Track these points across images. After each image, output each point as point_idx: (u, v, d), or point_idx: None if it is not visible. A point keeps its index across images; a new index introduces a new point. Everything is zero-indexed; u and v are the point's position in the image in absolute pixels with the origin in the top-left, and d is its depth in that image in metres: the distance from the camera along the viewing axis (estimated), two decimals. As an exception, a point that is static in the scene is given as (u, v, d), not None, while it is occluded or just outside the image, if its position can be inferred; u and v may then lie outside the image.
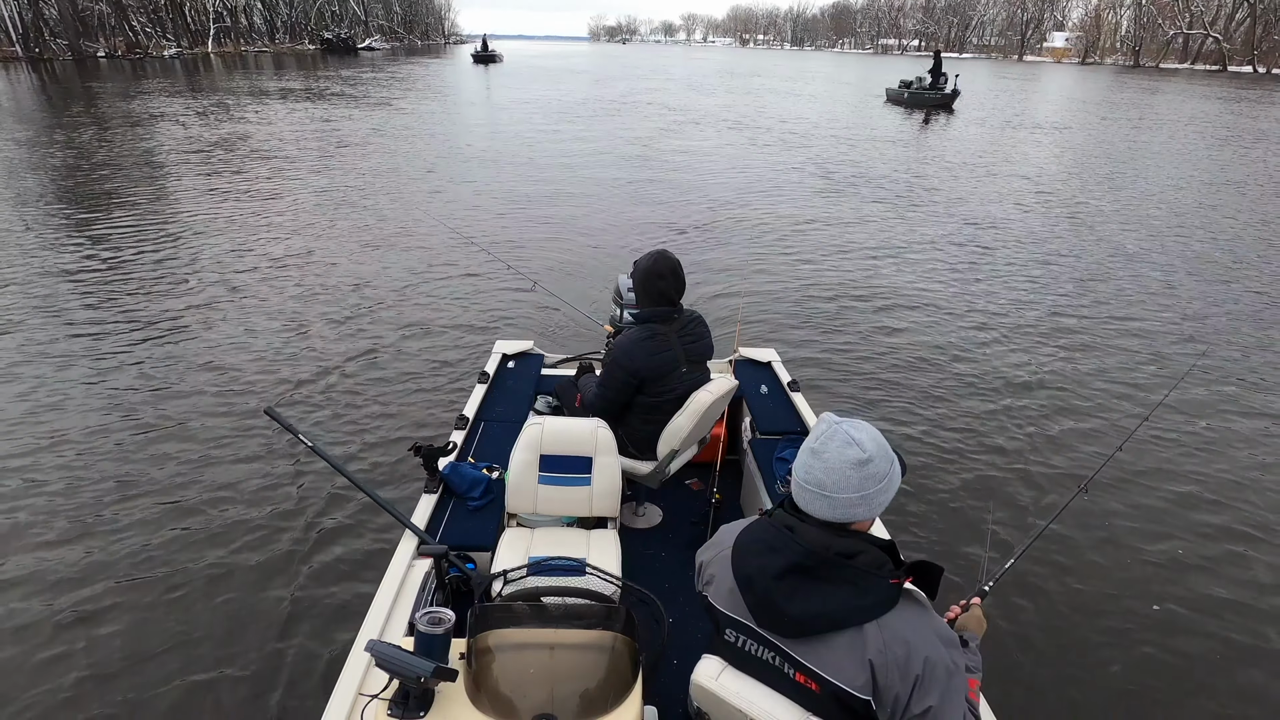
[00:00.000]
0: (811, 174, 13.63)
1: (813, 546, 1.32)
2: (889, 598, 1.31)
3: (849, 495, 1.30)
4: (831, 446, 1.32)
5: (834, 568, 1.31)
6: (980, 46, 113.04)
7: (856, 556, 1.31)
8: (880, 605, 1.30)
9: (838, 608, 1.31)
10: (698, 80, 42.87)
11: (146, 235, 8.39)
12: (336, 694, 1.64)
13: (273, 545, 3.36)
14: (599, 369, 3.23)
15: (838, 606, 1.31)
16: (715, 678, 1.41)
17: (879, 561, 1.33)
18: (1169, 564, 3.41)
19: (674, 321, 2.59)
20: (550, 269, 7.48)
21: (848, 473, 1.30)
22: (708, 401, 2.50)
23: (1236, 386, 5.31)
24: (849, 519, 1.33)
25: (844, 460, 1.30)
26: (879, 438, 1.34)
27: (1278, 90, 44.17)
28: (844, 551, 1.31)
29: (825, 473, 1.31)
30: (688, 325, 2.63)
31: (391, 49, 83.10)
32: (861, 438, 1.31)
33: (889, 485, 1.33)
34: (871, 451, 1.31)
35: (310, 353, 5.45)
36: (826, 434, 1.33)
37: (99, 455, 4.06)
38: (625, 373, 2.55)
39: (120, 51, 50.82)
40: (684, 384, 2.60)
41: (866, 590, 1.30)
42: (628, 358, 2.53)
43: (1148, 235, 9.68)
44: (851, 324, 6.35)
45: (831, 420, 1.36)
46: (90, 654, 2.75)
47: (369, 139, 16.60)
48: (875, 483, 1.31)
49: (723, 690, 1.39)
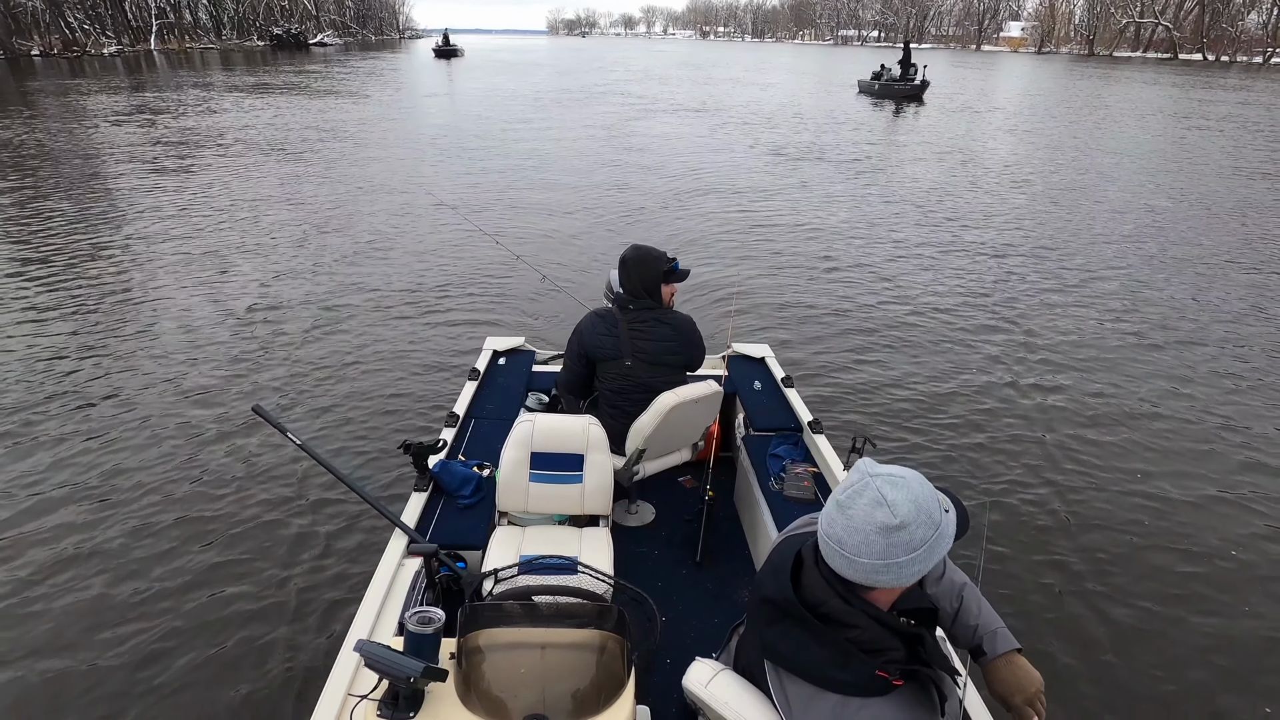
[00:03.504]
0: (794, 166, 13.72)
1: (801, 597, 1.18)
2: (873, 686, 1.13)
3: (871, 561, 1.11)
4: (859, 504, 1.11)
5: (814, 626, 1.16)
6: (938, 37, 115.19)
7: (849, 629, 1.14)
8: (858, 688, 1.14)
9: (808, 663, 1.17)
10: (663, 72, 42.94)
11: (120, 232, 8.12)
12: (325, 694, 1.62)
13: (260, 544, 3.30)
14: None
15: (808, 662, 1.17)
16: (705, 685, 1.39)
17: (876, 644, 1.15)
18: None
19: (628, 312, 2.63)
20: (548, 264, 7.36)
21: (872, 537, 1.10)
22: (670, 403, 2.49)
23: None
24: (869, 584, 1.14)
25: (870, 523, 1.10)
26: (922, 497, 1.11)
27: (1227, 76, 45.68)
28: (834, 617, 1.15)
29: (847, 531, 1.12)
30: (642, 322, 2.63)
31: (344, 44, 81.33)
32: (897, 499, 1.09)
33: (928, 553, 1.11)
34: (905, 516, 1.09)
35: (298, 350, 5.36)
36: (857, 488, 1.13)
37: (80, 450, 3.98)
38: (577, 343, 2.70)
39: (56, 50, 48.77)
40: (633, 377, 2.62)
41: (847, 666, 1.14)
42: (579, 329, 2.71)
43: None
44: (851, 322, 6.20)
45: (866, 471, 1.15)
46: (74, 653, 2.69)
47: (347, 132, 16.42)
48: (905, 551, 1.09)
49: (711, 698, 1.37)
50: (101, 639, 2.76)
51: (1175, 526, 3.62)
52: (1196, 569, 3.34)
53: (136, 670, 2.64)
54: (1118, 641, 2.91)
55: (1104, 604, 3.10)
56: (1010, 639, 1.38)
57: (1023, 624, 2.95)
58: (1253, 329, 6.19)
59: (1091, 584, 3.22)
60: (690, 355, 2.73)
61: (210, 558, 3.21)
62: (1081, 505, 3.77)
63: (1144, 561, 3.37)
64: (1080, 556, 3.39)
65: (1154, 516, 3.69)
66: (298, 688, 2.57)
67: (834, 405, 4.71)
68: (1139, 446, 4.35)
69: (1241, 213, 10.36)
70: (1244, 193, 11.79)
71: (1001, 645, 1.36)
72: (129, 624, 2.84)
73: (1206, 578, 3.29)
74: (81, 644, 2.74)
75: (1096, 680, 2.75)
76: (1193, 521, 3.67)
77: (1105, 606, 3.09)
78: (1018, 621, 2.89)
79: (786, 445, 2.87)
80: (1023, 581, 3.22)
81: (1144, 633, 2.97)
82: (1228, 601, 3.14)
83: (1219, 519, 3.71)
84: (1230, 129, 19.77)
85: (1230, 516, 3.73)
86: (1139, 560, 3.37)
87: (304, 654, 2.72)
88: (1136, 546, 3.47)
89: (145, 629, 2.81)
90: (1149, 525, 3.63)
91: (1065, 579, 3.25)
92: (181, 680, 2.60)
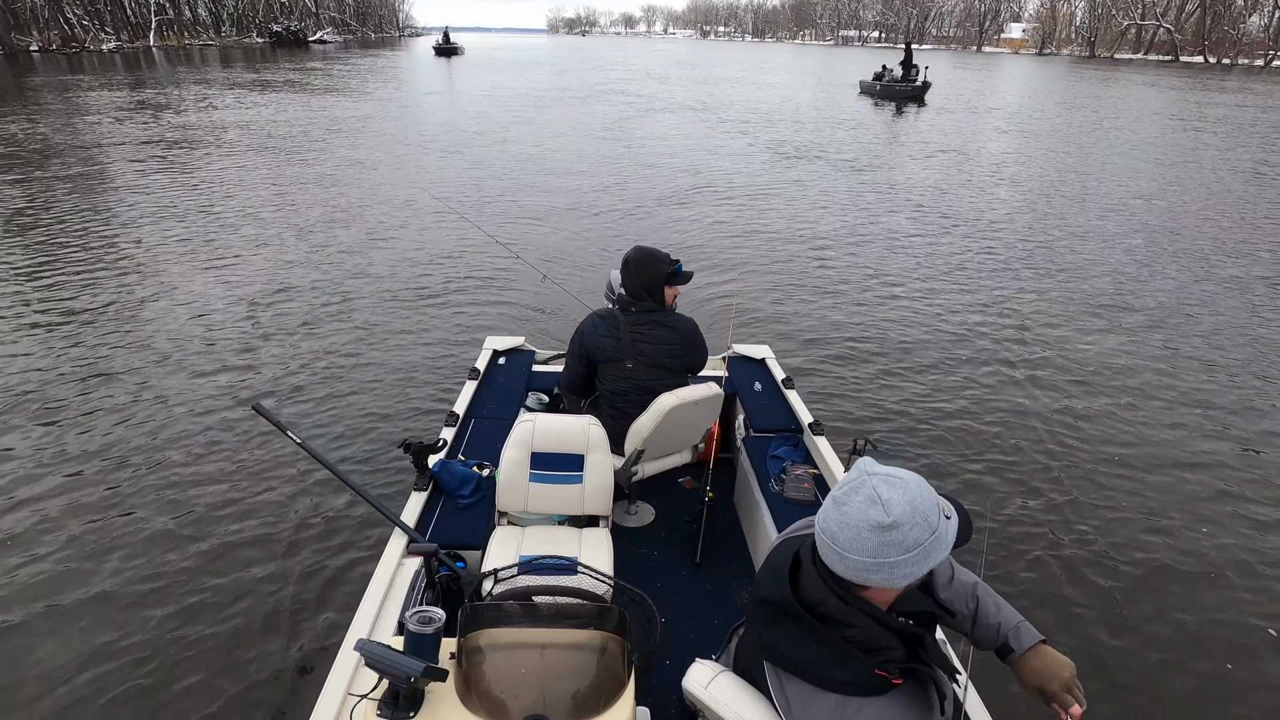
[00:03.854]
0: (798, 165, 13.71)
1: (799, 596, 1.19)
2: (872, 685, 1.14)
3: (862, 558, 1.12)
4: (854, 501, 1.13)
5: (812, 626, 1.16)
6: (939, 38, 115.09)
7: (847, 628, 1.15)
8: (858, 687, 1.14)
9: (807, 663, 1.17)
10: (662, 71, 42.89)
11: (117, 228, 8.07)
12: (325, 694, 1.61)
13: (260, 543, 3.29)
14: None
15: (807, 662, 1.17)
16: (705, 686, 1.39)
17: (874, 643, 1.15)
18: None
19: (630, 314, 2.62)
20: (547, 262, 7.32)
21: (864, 534, 1.11)
22: (669, 405, 2.48)
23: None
24: (862, 583, 1.15)
25: (863, 520, 1.11)
26: (919, 499, 1.12)
27: (1228, 80, 45.48)
28: (832, 616, 1.16)
29: (840, 527, 1.13)
30: (643, 324, 2.62)
31: (344, 42, 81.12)
32: (892, 498, 1.11)
33: (922, 556, 1.11)
34: (899, 516, 1.09)
35: (298, 348, 5.35)
36: (853, 485, 1.15)
37: (79, 447, 3.96)
38: (578, 343, 2.70)
39: (55, 45, 48.62)
40: (634, 379, 2.62)
41: (845, 666, 1.15)
42: (580, 329, 2.71)
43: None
44: (853, 322, 6.14)
45: (864, 470, 1.16)
46: (73, 652, 2.68)
47: (349, 128, 16.41)
48: (898, 551, 1.10)
49: (710, 699, 1.37)
50: (100, 639, 2.75)
51: (1182, 528, 3.60)
52: (1210, 578, 3.32)
53: (134, 668, 2.63)
54: (1125, 641, 2.91)
55: (1107, 600, 3.11)
56: (1034, 632, 1.38)
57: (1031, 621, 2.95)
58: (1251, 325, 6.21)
59: (1095, 579, 3.23)
60: (692, 359, 2.72)
61: (208, 557, 3.20)
62: (1086, 505, 3.77)
63: (1150, 565, 3.36)
64: (1086, 555, 3.39)
65: (1158, 515, 3.68)
66: (297, 687, 2.57)
67: (835, 407, 4.69)
68: (1149, 444, 4.34)
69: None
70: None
71: (1027, 639, 1.36)
72: (126, 623, 2.83)
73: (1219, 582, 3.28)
74: (78, 644, 2.72)
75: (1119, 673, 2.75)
76: (1199, 528, 3.63)
77: (1108, 603, 3.09)
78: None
79: (787, 447, 2.86)
80: (1025, 580, 3.22)
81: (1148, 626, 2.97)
82: (1226, 597, 3.15)
83: (1227, 517, 3.70)
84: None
85: (1234, 512, 3.73)
86: (1146, 563, 3.36)
87: (304, 653, 2.72)
88: (1145, 546, 3.46)
89: (143, 628, 2.80)
90: (1154, 523, 3.62)
91: (1069, 576, 3.26)
92: (180, 678, 2.59)
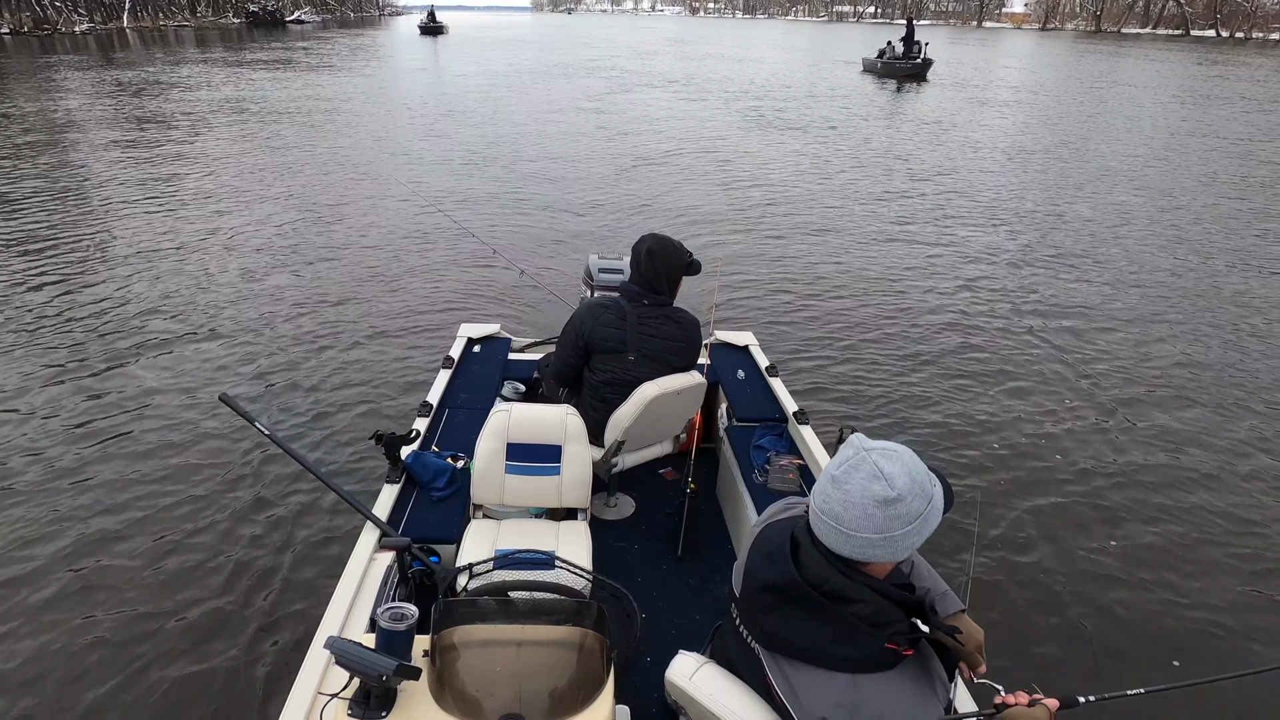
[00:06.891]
0: (779, 141, 13.61)
1: (804, 577, 1.18)
2: (881, 660, 1.16)
3: (868, 535, 1.13)
4: (855, 478, 1.13)
5: (819, 605, 1.17)
6: (938, 13, 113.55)
7: (853, 604, 1.16)
8: (868, 663, 1.15)
9: (810, 645, 1.18)
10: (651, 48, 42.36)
11: (83, 210, 7.91)
12: (295, 693, 1.59)
13: (228, 538, 3.23)
14: None
15: (810, 644, 1.18)
16: (689, 677, 1.38)
17: (881, 617, 1.16)
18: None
19: (639, 305, 2.56)
20: (516, 244, 7.26)
21: (870, 510, 1.12)
22: (651, 394, 2.44)
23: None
24: (865, 559, 1.16)
25: (867, 496, 1.12)
26: (915, 470, 1.15)
27: (1247, 56, 43.44)
28: (838, 594, 1.17)
29: (843, 506, 1.14)
30: (651, 318, 2.57)
31: (323, 21, 79.72)
32: (893, 471, 1.12)
33: (922, 526, 1.15)
34: (902, 489, 1.12)
35: (267, 337, 5.24)
36: (852, 462, 1.15)
37: (39, 441, 3.88)
38: (575, 332, 2.58)
39: (27, 28, 47.56)
40: (632, 373, 2.56)
41: (851, 641, 1.16)
42: (579, 318, 2.59)
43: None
44: (839, 308, 6.00)
45: (860, 445, 1.16)
46: (30, 653, 2.62)
47: (325, 108, 16.17)
48: (902, 524, 1.12)
49: (695, 690, 1.36)
50: (59, 640, 2.68)
51: (1177, 525, 3.54)
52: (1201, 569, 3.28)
53: (96, 669, 2.56)
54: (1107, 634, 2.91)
55: (1094, 591, 3.10)
56: (957, 600, 1.43)
57: (1014, 618, 2.96)
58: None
59: (1084, 571, 3.22)
60: (690, 358, 2.69)
61: (173, 553, 3.13)
62: (1076, 495, 3.74)
63: (1139, 553, 3.35)
64: (1075, 546, 3.38)
65: (1152, 507, 3.64)
66: (267, 686, 2.52)
67: (820, 395, 4.62)
68: (1140, 434, 4.28)
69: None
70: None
71: (951, 606, 1.41)
72: (87, 620, 2.76)
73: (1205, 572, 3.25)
74: (35, 646, 2.65)
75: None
76: (1205, 522, 3.58)
77: (1095, 594, 3.09)
78: (1010, 616, 2.96)
79: (771, 436, 2.82)
80: (1012, 571, 3.21)
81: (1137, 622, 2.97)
82: (1228, 591, 3.14)
83: (1229, 513, 3.65)
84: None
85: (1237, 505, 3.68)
86: (1134, 554, 3.34)
87: (273, 652, 2.66)
88: (1137, 537, 3.44)
89: (105, 625, 2.74)
90: (1148, 515, 3.58)
91: (1059, 566, 3.25)
92: (145, 678, 2.54)
